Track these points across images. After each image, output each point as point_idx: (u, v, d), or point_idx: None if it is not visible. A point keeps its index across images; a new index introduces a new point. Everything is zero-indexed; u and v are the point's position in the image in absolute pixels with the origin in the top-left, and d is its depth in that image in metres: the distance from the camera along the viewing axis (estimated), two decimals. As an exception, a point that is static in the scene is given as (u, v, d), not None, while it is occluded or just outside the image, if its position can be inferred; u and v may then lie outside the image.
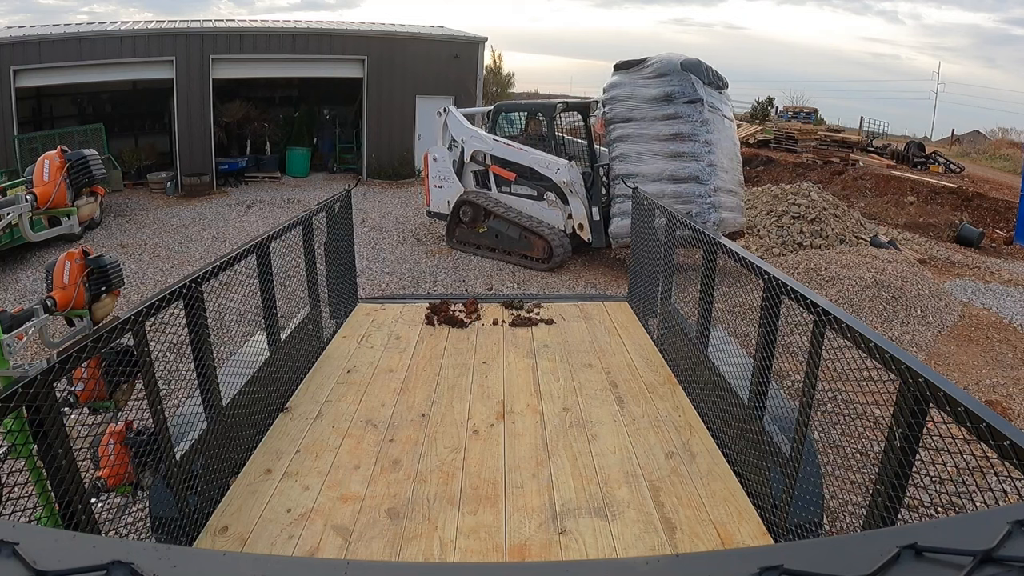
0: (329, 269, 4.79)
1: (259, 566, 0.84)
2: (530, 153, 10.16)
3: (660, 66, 9.36)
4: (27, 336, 2.59)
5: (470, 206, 10.70)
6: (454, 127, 11.00)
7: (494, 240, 10.52)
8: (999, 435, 1.48)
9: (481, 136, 10.78)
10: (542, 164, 9.96)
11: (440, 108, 11.38)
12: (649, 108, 9.31)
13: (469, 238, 10.86)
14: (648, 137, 9.30)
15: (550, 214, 10.12)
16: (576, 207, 9.90)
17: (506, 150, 10.40)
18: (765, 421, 2.82)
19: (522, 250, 10.26)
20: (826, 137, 20.97)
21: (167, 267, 10.27)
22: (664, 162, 9.18)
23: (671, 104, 9.22)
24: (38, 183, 2.62)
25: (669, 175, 9.14)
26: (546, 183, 10.03)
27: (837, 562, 0.77)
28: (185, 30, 16.39)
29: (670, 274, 4.41)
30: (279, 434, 3.41)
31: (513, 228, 10.26)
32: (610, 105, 9.72)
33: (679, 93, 9.20)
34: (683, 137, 9.13)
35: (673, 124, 9.18)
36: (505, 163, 10.46)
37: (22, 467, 2.05)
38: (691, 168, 9.10)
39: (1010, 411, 6.04)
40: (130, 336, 2.33)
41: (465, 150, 10.83)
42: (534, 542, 2.57)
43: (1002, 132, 27.50)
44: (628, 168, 9.33)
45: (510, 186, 10.50)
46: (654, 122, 9.27)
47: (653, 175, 9.16)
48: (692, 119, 9.15)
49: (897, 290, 8.32)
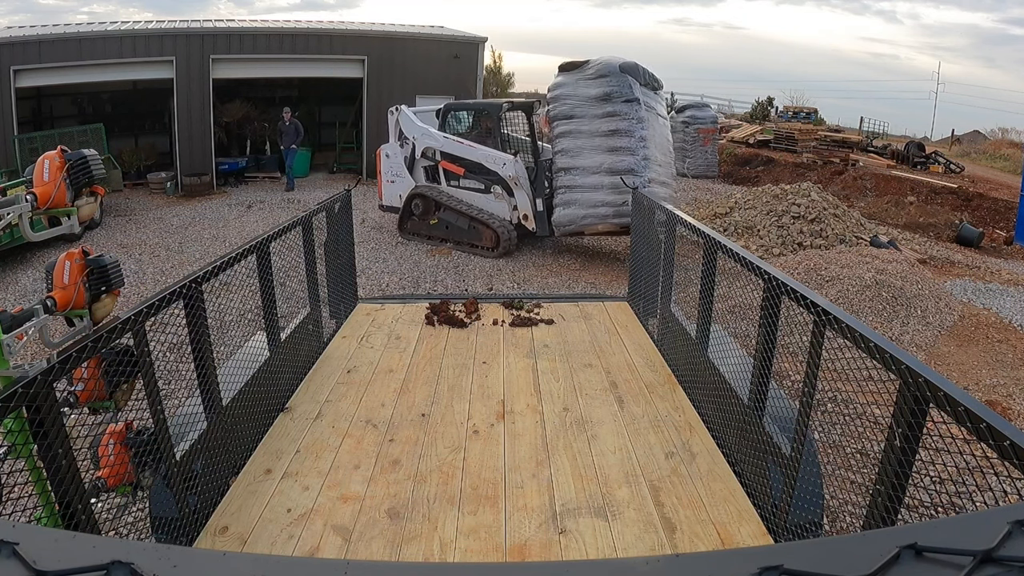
0: (329, 269, 4.79)
1: (259, 566, 0.84)
2: (479, 149, 10.80)
3: (601, 68, 10.02)
4: (27, 336, 2.59)
5: (421, 199, 11.37)
6: (406, 125, 11.56)
7: (444, 231, 11.22)
8: (999, 435, 1.48)
9: (432, 134, 11.35)
10: (490, 160, 10.63)
11: (392, 108, 12.01)
12: (590, 106, 9.98)
13: (420, 229, 11.48)
14: (588, 133, 9.97)
15: (497, 206, 10.87)
16: (521, 199, 10.58)
17: (456, 146, 11.08)
18: (765, 421, 2.82)
19: (471, 240, 10.99)
20: (826, 137, 20.98)
21: (167, 267, 10.27)
22: (602, 156, 9.88)
23: (610, 103, 9.90)
24: (38, 183, 2.62)
25: (607, 168, 9.83)
26: (493, 177, 10.70)
27: (837, 562, 0.77)
28: (185, 30, 16.39)
29: (670, 274, 4.41)
30: (279, 434, 3.41)
31: (463, 219, 11.00)
32: (554, 104, 10.35)
33: (617, 93, 9.89)
34: (620, 133, 9.83)
35: (611, 121, 9.87)
36: (455, 159, 11.13)
37: (22, 467, 2.05)
38: (627, 161, 9.76)
39: (1010, 411, 6.04)
40: (130, 336, 2.33)
41: (416, 147, 11.47)
42: (534, 542, 2.57)
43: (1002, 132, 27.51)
44: (570, 162, 10.09)
45: (459, 180, 11.20)
46: (594, 119, 9.95)
47: (592, 168, 9.92)
48: (629, 117, 9.86)
49: (897, 290, 8.31)
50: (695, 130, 19.35)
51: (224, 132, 17.91)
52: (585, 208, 10.03)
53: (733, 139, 21.58)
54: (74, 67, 15.21)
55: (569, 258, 10.99)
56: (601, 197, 9.87)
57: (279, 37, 17.12)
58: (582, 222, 10.15)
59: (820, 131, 21.85)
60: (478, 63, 18.79)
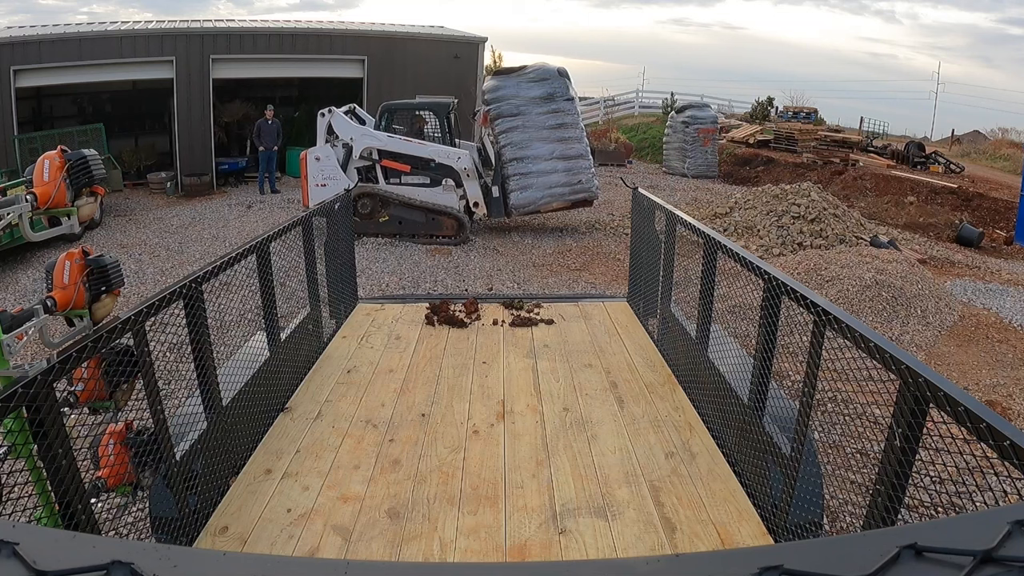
0: (329, 269, 4.79)
1: (259, 566, 0.84)
2: (429, 146, 11.64)
3: (540, 72, 11.87)
4: (27, 336, 2.59)
5: (369, 198, 11.59)
6: (341, 127, 11.75)
7: (397, 226, 11.67)
8: (999, 435, 1.48)
9: (373, 134, 11.70)
10: (442, 155, 11.55)
11: (322, 111, 12.06)
12: (535, 105, 11.69)
13: (368, 228, 11.61)
14: (535, 127, 11.66)
15: (446, 197, 11.62)
16: (472, 189, 11.61)
17: (403, 144, 11.63)
18: (765, 421, 2.82)
19: (431, 231, 11.64)
20: (826, 137, 20.94)
21: (167, 267, 10.26)
22: (552, 145, 11.72)
23: (553, 102, 11.76)
24: (38, 183, 2.62)
25: (559, 155, 11.76)
26: (442, 171, 11.54)
27: (837, 562, 0.77)
28: (185, 30, 16.38)
29: (670, 274, 4.41)
30: (279, 434, 3.41)
31: (418, 213, 11.59)
32: (497, 103, 11.79)
33: (559, 93, 11.78)
34: (568, 126, 11.82)
35: (557, 116, 11.77)
36: (398, 156, 11.60)
37: (22, 467, 2.05)
38: (576, 148, 11.86)
39: (1010, 411, 6.04)
40: (130, 336, 2.33)
41: (354, 148, 11.66)
42: (534, 542, 2.57)
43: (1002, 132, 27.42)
44: (520, 152, 11.71)
45: (400, 177, 11.66)
46: (539, 115, 11.67)
47: (544, 156, 11.69)
48: (571, 112, 11.91)
49: (897, 290, 8.31)
50: (695, 130, 19.34)
51: (224, 132, 17.89)
52: (542, 190, 11.70)
53: (733, 139, 21.57)
54: (74, 67, 15.19)
55: (569, 258, 11.00)
56: (557, 179, 11.73)
57: (279, 37, 17.11)
58: (540, 202, 11.80)
59: (820, 131, 21.81)
60: (478, 63, 18.79)
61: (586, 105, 23.78)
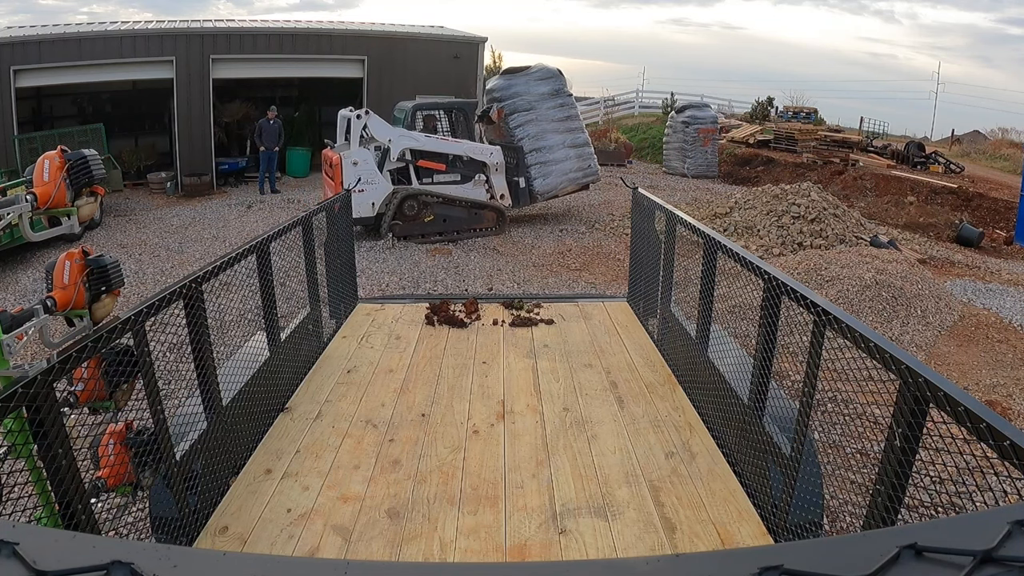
0: (329, 269, 4.79)
1: (259, 566, 0.84)
2: (464, 143, 12.15)
3: (544, 72, 13.07)
4: (27, 336, 2.58)
5: (415, 200, 11.65)
6: (378, 129, 11.51)
7: (441, 225, 11.83)
8: (999, 435, 1.48)
9: (411, 135, 11.78)
10: (476, 151, 12.08)
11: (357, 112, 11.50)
12: (544, 100, 12.90)
13: (414, 230, 11.65)
14: (548, 119, 12.85)
15: (476, 191, 12.10)
16: (499, 182, 12.24)
17: (439, 144, 11.93)
18: (765, 421, 2.82)
19: (473, 225, 12.05)
20: (826, 137, 20.92)
21: (167, 267, 10.26)
22: (563, 135, 13.01)
23: (559, 97, 13.06)
24: (38, 183, 2.61)
25: (570, 143, 13.05)
26: (474, 166, 12.03)
27: (837, 562, 0.77)
28: (185, 30, 16.38)
29: (670, 274, 4.41)
30: (279, 434, 3.41)
31: (459, 209, 11.91)
32: (510, 100, 12.77)
33: (561, 89, 13.17)
34: (572, 118, 13.28)
35: (564, 110, 13.12)
36: (434, 156, 11.77)
37: (22, 467, 2.05)
38: (581, 137, 13.34)
39: (1010, 411, 6.04)
40: (130, 336, 2.33)
41: (392, 150, 11.53)
42: (534, 542, 2.57)
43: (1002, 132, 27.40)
44: (537, 143, 12.71)
45: (432, 176, 11.84)
46: (550, 109, 12.89)
47: (558, 145, 12.88)
48: (572, 106, 13.40)
49: (897, 290, 8.31)
50: (695, 130, 19.35)
51: (224, 132, 17.89)
52: (560, 176, 12.90)
53: (733, 139, 21.55)
54: (74, 67, 15.19)
55: (569, 258, 11.00)
56: (570, 165, 13.00)
57: (279, 37, 17.11)
58: (559, 187, 13.03)
59: (820, 131, 21.79)
60: (478, 63, 18.79)
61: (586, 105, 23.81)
